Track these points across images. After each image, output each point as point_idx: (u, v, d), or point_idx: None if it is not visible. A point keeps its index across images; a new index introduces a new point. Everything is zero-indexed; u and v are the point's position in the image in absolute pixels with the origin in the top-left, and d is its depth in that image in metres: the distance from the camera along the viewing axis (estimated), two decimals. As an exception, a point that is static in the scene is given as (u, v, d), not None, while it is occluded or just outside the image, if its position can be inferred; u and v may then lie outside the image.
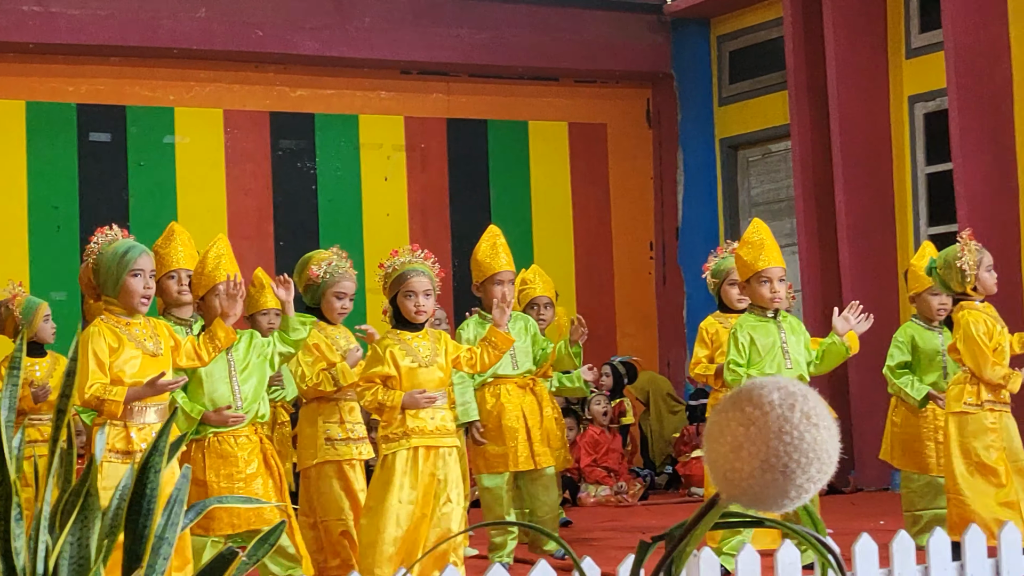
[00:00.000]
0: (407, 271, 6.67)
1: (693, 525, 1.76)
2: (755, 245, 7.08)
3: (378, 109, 12.68)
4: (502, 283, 7.65)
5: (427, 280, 6.67)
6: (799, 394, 1.68)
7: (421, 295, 6.65)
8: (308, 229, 12.25)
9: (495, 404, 7.69)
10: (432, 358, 6.63)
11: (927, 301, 7.83)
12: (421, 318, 6.68)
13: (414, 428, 6.54)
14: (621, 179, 13.68)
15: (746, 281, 7.13)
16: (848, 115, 11.28)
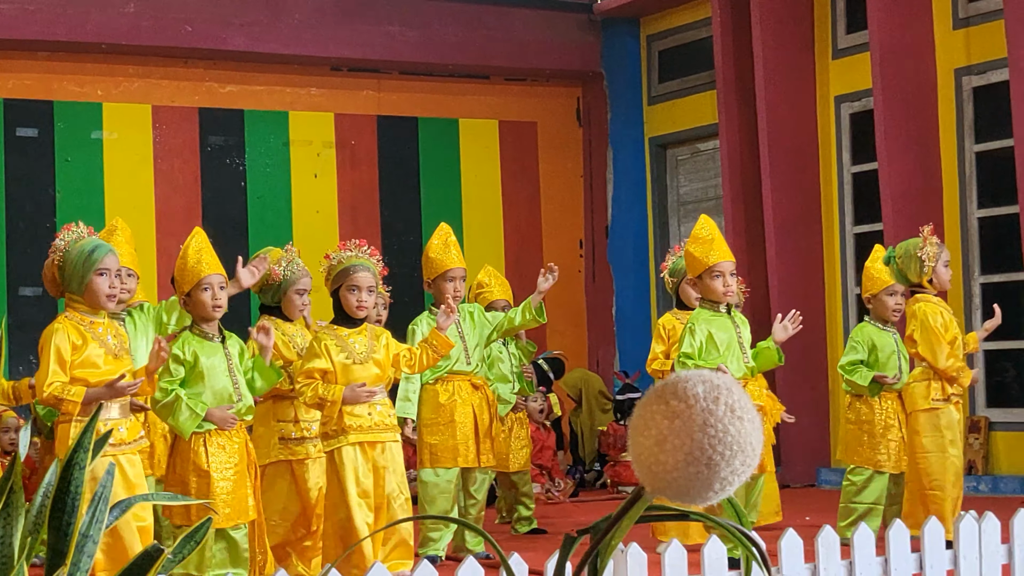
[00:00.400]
0: (352, 265, 6.69)
1: (618, 519, 1.77)
2: (705, 241, 7.20)
3: (308, 106, 12.63)
4: (454, 280, 7.68)
5: (371, 276, 6.71)
6: (723, 387, 1.68)
7: (364, 291, 6.67)
8: (237, 226, 12.18)
9: (448, 399, 7.69)
10: (368, 355, 6.64)
11: (883, 302, 7.94)
12: (362, 314, 6.71)
13: (351, 424, 6.57)
14: (551, 177, 13.71)
15: (698, 277, 7.22)
16: (775, 115, 11.36)
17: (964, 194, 10.62)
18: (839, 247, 11.53)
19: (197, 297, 6.42)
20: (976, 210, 10.60)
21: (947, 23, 10.68)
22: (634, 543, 4.18)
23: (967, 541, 4.78)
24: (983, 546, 4.80)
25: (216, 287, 6.43)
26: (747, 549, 1.90)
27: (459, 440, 7.64)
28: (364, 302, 6.68)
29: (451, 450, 7.64)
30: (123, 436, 5.90)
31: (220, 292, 6.44)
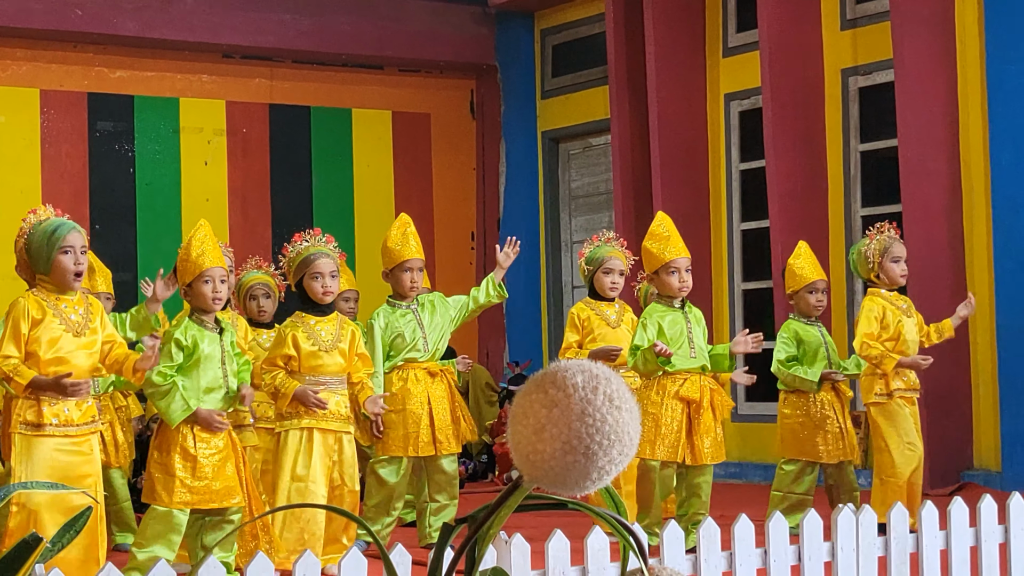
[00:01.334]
0: (312, 253, 6.88)
1: (496, 508, 1.79)
2: (661, 238, 7.32)
3: (199, 93, 12.52)
4: (411, 270, 7.65)
5: (332, 262, 6.90)
6: (603, 377, 1.69)
7: (327, 276, 6.86)
8: (125, 213, 12.04)
9: (401, 388, 7.60)
10: (334, 343, 6.77)
11: (805, 298, 8.10)
12: (327, 299, 6.88)
13: (304, 409, 6.76)
14: (444, 169, 13.71)
15: (654, 272, 7.31)
16: (666, 111, 11.45)
17: (849, 192, 10.79)
18: (727, 243, 11.66)
19: (198, 289, 6.49)
20: (860, 208, 10.77)
21: (835, 24, 10.84)
22: (518, 534, 4.21)
23: (845, 534, 4.86)
24: (860, 538, 4.89)
25: (217, 279, 6.50)
26: (624, 539, 1.92)
27: (410, 430, 7.56)
28: (329, 287, 6.85)
29: (400, 440, 7.56)
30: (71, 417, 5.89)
31: (221, 285, 6.52)
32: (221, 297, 6.53)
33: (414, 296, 7.71)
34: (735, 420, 11.42)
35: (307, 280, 6.87)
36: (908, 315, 7.80)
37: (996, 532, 5.24)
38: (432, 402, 7.65)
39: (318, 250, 6.90)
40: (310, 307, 6.91)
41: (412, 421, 7.58)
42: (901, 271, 7.79)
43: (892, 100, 10.05)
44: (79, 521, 2.63)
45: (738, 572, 4.62)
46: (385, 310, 7.74)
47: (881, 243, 7.77)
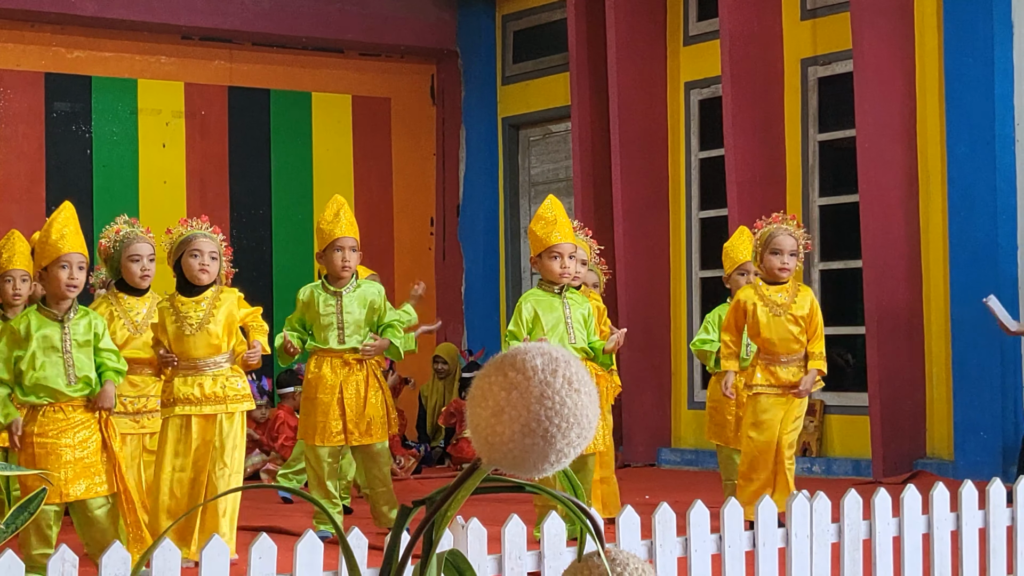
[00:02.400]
0: (193, 235, 6.78)
1: (454, 490, 1.79)
2: (548, 221, 7.23)
3: (158, 74, 12.45)
4: (343, 249, 7.58)
5: (213, 243, 6.80)
6: (562, 359, 1.69)
7: (207, 255, 6.74)
8: (82, 194, 11.96)
9: (315, 375, 7.55)
10: (201, 325, 6.66)
11: (735, 280, 8.09)
12: (204, 277, 6.77)
13: (180, 396, 6.65)
14: (404, 154, 13.69)
15: (537, 256, 7.24)
16: (627, 99, 11.47)
17: (807, 182, 10.85)
18: (685, 231, 11.70)
19: (54, 273, 6.32)
20: (818, 198, 10.83)
21: (795, 14, 10.88)
22: (475, 518, 4.22)
23: (799, 520, 4.90)
24: (814, 525, 4.93)
25: (75, 266, 6.34)
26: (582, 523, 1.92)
27: (318, 419, 7.50)
28: (207, 266, 6.73)
29: (312, 427, 7.52)
30: None
31: (78, 272, 6.35)
32: (77, 284, 6.35)
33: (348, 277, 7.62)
34: (691, 407, 11.48)
35: (185, 258, 6.75)
36: (777, 313, 7.46)
37: (948, 520, 5.29)
38: (344, 392, 7.53)
39: (199, 232, 6.80)
40: (183, 287, 6.81)
41: (322, 410, 7.51)
42: (780, 263, 7.43)
43: (851, 90, 10.10)
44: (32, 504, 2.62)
45: (693, 558, 4.65)
46: (313, 287, 7.68)
47: (765, 233, 7.50)
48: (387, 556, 1.80)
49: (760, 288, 7.56)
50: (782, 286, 7.53)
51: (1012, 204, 9.50)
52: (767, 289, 7.53)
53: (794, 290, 7.56)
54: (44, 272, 6.36)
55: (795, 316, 7.47)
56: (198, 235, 6.77)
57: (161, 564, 3.75)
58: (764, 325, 7.47)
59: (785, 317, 7.47)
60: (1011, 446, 9.33)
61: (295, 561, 3.95)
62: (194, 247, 6.72)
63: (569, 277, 7.20)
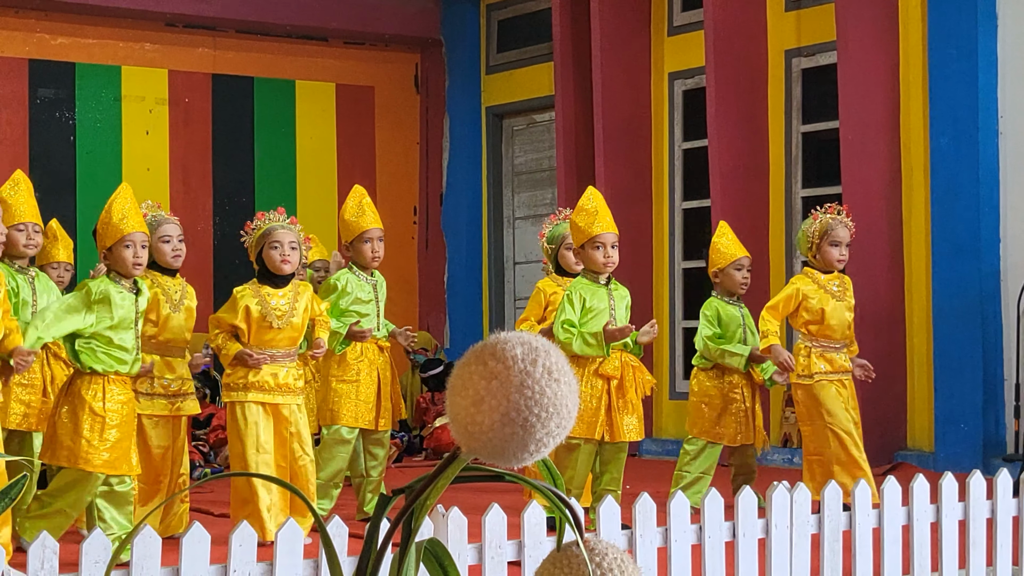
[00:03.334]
0: (273, 227, 6.90)
1: (433, 478, 1.79)
2: (590, 212, 7.29)
3: (141, 61, 12.42)
4: (371, 240, 7.68)
5: (292, 234, 6.92)
6: (542, 349, 1.69)
7: (287, 246, 6.87)
8: (65, 181, 11.94)
9: (357, 358, 7.63)
10: (287, 318, 6.79)
11: (731, 275, 8.10)
12: (286, 268, 6.90)
13: (254, 383, 6.81)
14: (387, 143, 13.68)
15: (580, 247, 7.29)
16: (611, 89, 11.47)
17: (790, 173, 10.86)
18: (668, 221, 11.71)
19: (118, 253, 6.45)
20: (801, 189, 10.85)
21: (779, 5, 10.89)
22: (455, 507, 4.23)
23: (779, 511, 4.91)
24: (794, 516, 4.95)
25: (138, 244, 6.47)
26: (561, 512, 1.93)
27: (362, 400, 7.59)
28: (288, 256, 6.87)
29: (352, 409, 7.58)
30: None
31: (142, 250, 6.49)
32: (141, 262, 6.48)
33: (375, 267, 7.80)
34: (672, 398, 11.50)
35: (266, 250, 6.88)
36: (838, 299, 7.76)
37: (928, 511, 5.31)
38: (381, 378, 7.69)
39: (278, 224, 6.93)
40: (266, 278, 6.94)
41: (364, 393, 7.61)
42: (839, 255, 7.77)
43: (834, 82, 10.12)
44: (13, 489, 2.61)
45: (673, 548, 4.66)
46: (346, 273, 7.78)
47: (823, 224, 7.78)
48: (366, 544, 1.80)
49: (815, 276, 7.79)
50: (833, 275, 7.82)
51: (995, 197, 9.52)
52: (821, 277, 7.79)
53: (842, 279, 7.88)
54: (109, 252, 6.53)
55: (850, 304, 7.83)
56: (276, 227, 6.88)
57: (141, 551, 3.75)
58: (829, 312, 7.70)
59: (844, 303, 7.77)
60: (992, 438, 9.36)
61: (275, 549, 3.95)
62: (274, 238, 6.86)
63: (613, 266, 7.30)
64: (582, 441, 7.24)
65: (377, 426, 7.66)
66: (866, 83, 9.92)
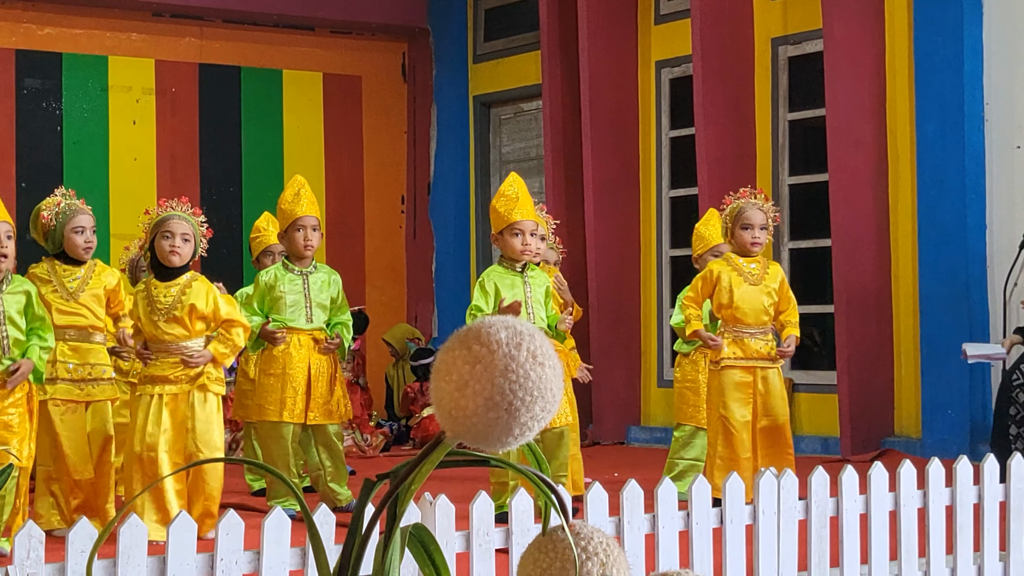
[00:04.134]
0: (168, 216, 6.79)
1: (418, 463, 1.79)
2: (510, 198, 7.21)
3: (128, 51, 12.39)
4: (303, 228, 7.59)
5: (187, 224, 6.79)
6: (526, 333, 1.69)
7: (178, 237, 6.75)
8: (52, 171, 11.92)
9: (283, 352, 7.52)
10: (169, 311, 6.69)
11: (708, 262, 8.09)
12: (174, 259, 6.76)
13: (153, 375, 6.70)
14: (374, 132, 13.67)
15: (499, 233, 7.22)
16: (598, 77, 11.46)
17: (777, 161, 10.87)
18: (655, 209, 11.72)
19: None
20: (788, 177, 10.86)
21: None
22: (443, 495, 4.23)
23: (766, 497, 4.93)
24: (781, 502, 4.96)
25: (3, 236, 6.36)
26: (547, 497, 1.93)
27: (287, 395, 7.49)
28: (177, 247, 6.73)
29: (278, 403, 7.48)
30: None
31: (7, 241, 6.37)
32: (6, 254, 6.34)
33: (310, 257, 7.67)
34: (660, 385, 11.51)
35: (157, 240, 6.77)
36: (753, 283, 7.55)
37: (915, 497, 5.33)
38: (311, 371, 7.54)
39: (175, 214, 6.81)
40: (157, 270, 6.84)
41: (290, 387, 7.50)
42: (751, 238, 7.51)
43: (821, 70, 10.13)
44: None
45: (661, 534, 4.67)
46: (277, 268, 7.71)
47: (735, 208, 7.61)
48: (351, 530, 1.80)
49: (732, 260, 7.62)
50: (753, 258, 7.61)
51: (981, 183, 9.54)
52: (739, 261, 7.60)
53: (764, 264, 7.66)
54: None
55: (768, 288, 7.57)
56: (171, 216, 6.76)
57: (128, 540, 3.75)
58: (737, 294, 7.51)
59: (760, 287, 7.55)
60: (979, 424, 9.38)
61: (262, 538, 3.95)
62: (165, 228, 6.73)
63: (531, 254, 7.19)
64: None
65: (306, 419, 7.51)
66: (852, 71, 9.93)
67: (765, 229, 7.59)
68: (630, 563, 4.32)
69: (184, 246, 6.75)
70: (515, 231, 7.13)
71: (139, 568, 3.74)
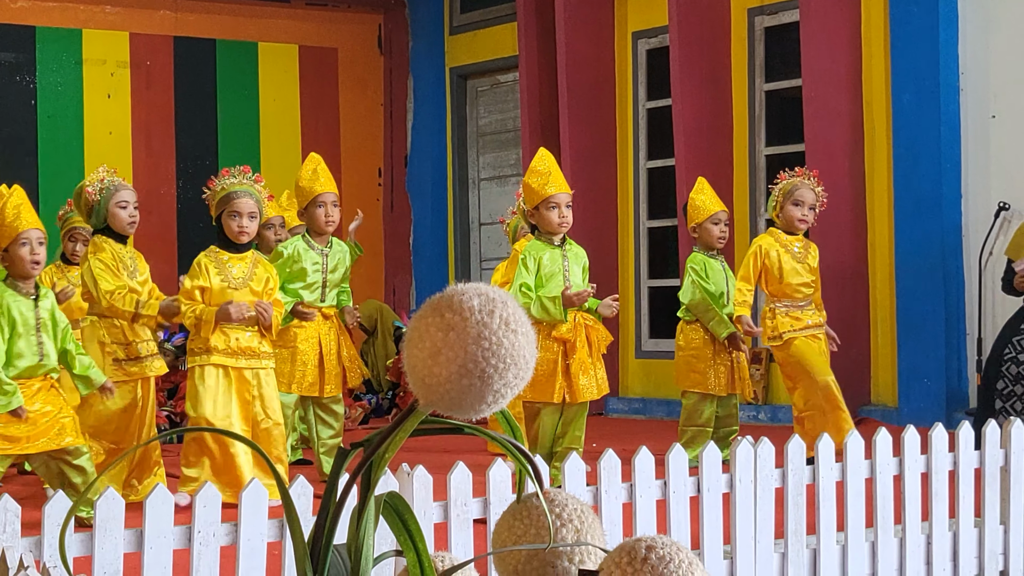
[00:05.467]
0: (234, 191, 6.84)
1: (391, 431, 1.79)
2: (542, 173, 7.29)
3: (103, 24, 12.32)
4: (324, 204, 7.66)
5: (253, 202, 6.86)
6: (499, 300, 1.68)
7: (245, 216, 6.83)
8: (26, 145, 11.86)
9: (298, 325, 7.59)
10: (245, 280, 6.77)
11: (708, 229, 8.23)
12: (243, 239, 6.88)
13: (215, 346, 6.79)
14: (351, 105, 13.62)
15: (534, 208, 7.27)
16: (574, 49, 11.44)
17: (753, 131, 10.87)
18: (632, 180, 11.71)
19: (14, 253, 6.25)
20: (764, 147, 10.86)
21: (742, -37, 10.88)
22: (420, 466, 4.24)
23: (743, 465, 4.95)
24: (758, 470, 4.98)
25: (35, 242, 6.29)
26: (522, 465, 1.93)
27: (298, 366, 7.57)
28: (245, 227, 6.84)
29: (288, 375, 7.54)
30: None
31: (39, 248, 6.31)
32: (39, 260, 6.32)
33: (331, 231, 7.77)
34: (639, 356, 11.53)
35: (224, 218, 6.86)
36: (799, 260, 7.96)
37: (891, 464, 5.35)
38: (323, 344, 7.66)
39: (240, 188, 6.86)
40: (224, 243, 6.92)
41: (301, 361, 7.59)
42: (800, 215, 7.93)
43: (797, 40, 10.13)
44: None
45: (638, 503, 4.68)
46: (296, 241, 7.77)
47: (788, 184, 7.97)
48: (325, 498, 1.80)
49: (779, 236, 7.99)
50: (797, 236, 8.01)
51: (956, 153, 9.56)
52: (784, 237, 7.97)
53: (806, 243, 8.06)
54: (5, 253, 6.29)
55: (809, 266, 7.99)
56: (237, 192, 6.84)
57: (105, 513, 3.75)
58: (788, 270, 7.91)
59: (803, 265, 7.96)
60: (955, 393, 9.43)
61: (240, 510, 3.96)
62: (232, 208, 6.82)
63: (567, 226, 7.30)
64: (542, 406, 7.27)
65: (322, 392, 7.64)
66: (828, 41, 9.93)
67: (813, 209, 7.99)
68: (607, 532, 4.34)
69: (251, 224, 6.87)
70: (551, 204, 7.23)
71: (116, 540, 3.74)
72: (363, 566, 1.80)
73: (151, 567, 3.80)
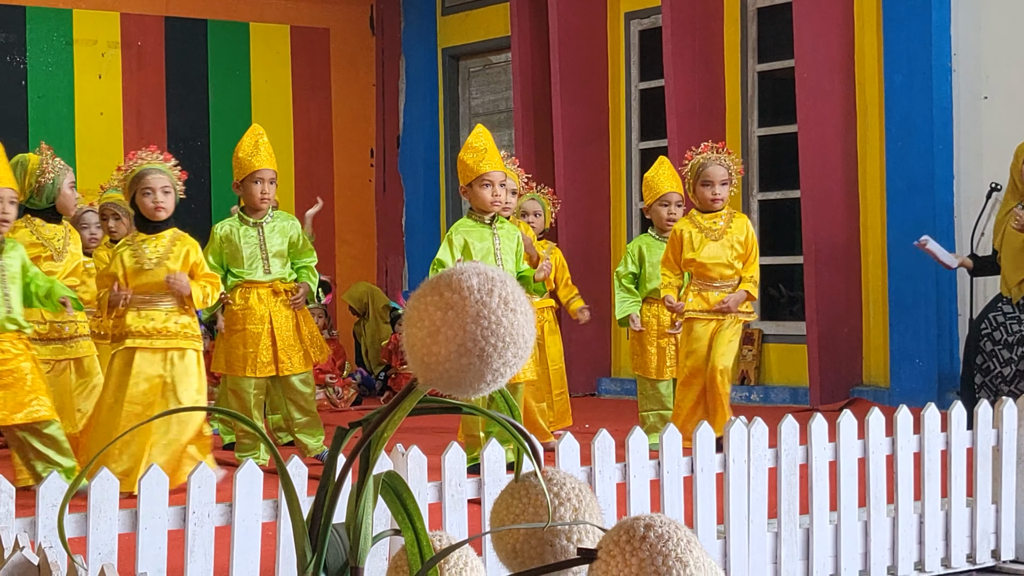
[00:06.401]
0: (145, 169, 6.71)
1: (390, 410, 1.79)
2: (478, 150, 7.18)
3: (93, 4, 12.28)
4: (261, 181, 7.53)
5: (165, 178, 6.73)
6: (498, 279, 1.68)
7: (159, 191, 6.68)
8: (16, 126, 11.83)
9: (242, 307, 7.49)
10: (160, 260, 6.63)
11: (657, 212, 8.12)
12: (159, 215, 6.71)
13: (131, 329, 6.62)
14: (343, 85, 13.60)
15: (468, 185, 7.19)
16: (567, 29, 11.43)
17: (746, 112, 10.87)
18: (625, 161, 11.71)
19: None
20: (757, 128, 10.86)
21: (735, -56, 10.86)
22: (415, 446, 4.24)
23: (736, 445, 4.96)
24: (751, 450, 4.99)
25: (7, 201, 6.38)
26: (519, 443, 1.93)
27: (249, 350, 7.46)
28: (161, 202, 6.68)
29: (241, 359, 7.47)
30: None
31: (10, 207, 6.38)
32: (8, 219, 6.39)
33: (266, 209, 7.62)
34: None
35: (139, 197, 6.70)
36: (715, 238, 7.59)
37: (883, 444, 5.37)
38: (273, 322, 7.50)
39: (151, 166, 6.73)
40: (141, 224, 6.77)
41: (252, 341, 7.47)
42: (711, 195, 7.56)
43: (790, 21, 10.11)
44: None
45: (632, 483, 4.69)
46: (230, 221, 7.66)
47: (695, 164, 7.63)
48: (323, 478, 1.80)
49: (695, 217, 7.69)
50: (717, 214, 7.64)
51: (948, 134, 9.56)
52: (702, 217, 7.66)
53: (729, 217, 7.68)
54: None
55: (732, 241, 7.60)
56: (148, 170, 6.70)
57: (99, 494, 3.75)
58: (697, 249, 7.58)
59: (721, 242, 7.59)
60: (946, 373, 9.44)
61: (235, 490, 3.96)
62: (145, 185, 6.66)
63: (500, 205, 7.19)
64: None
65: (279, 371, 7.50)
66: (821, 21, 9.92)
67: (726, 184, 7.62)
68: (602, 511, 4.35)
69: (166, 199, 6.70)
70: (484, 182, 7.11)
71: (110, 522, 3.75)
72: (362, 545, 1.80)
73: (146, 547, 3.80)
